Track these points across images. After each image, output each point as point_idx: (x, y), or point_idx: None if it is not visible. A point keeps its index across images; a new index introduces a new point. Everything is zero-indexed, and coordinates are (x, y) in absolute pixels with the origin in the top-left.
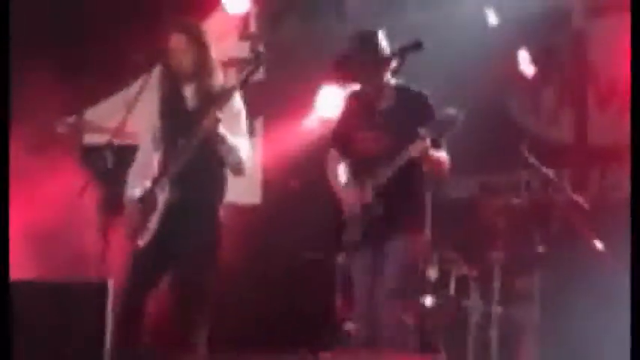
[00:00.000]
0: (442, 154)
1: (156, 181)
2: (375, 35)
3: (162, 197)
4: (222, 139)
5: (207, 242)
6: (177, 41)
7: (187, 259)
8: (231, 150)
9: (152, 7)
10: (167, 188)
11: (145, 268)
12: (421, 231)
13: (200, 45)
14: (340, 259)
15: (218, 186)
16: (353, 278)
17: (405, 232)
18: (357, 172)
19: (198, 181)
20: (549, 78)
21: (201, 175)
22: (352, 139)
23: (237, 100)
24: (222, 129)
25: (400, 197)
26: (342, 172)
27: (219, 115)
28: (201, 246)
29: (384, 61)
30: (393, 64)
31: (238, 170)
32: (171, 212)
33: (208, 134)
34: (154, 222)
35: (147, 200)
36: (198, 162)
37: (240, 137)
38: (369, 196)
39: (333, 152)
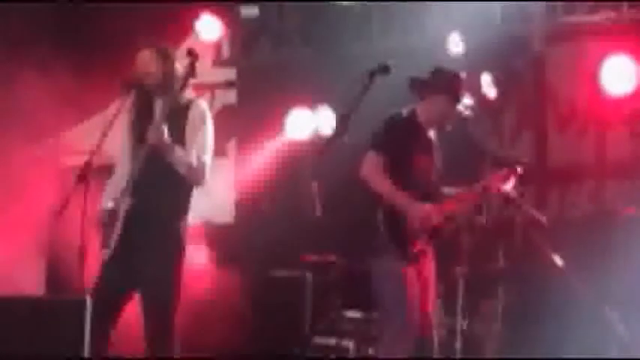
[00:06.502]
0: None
1: (123, 191)
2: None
3: (123, 207)
4: (169, 148)
5: (167, 256)
6: (142, 58)
7: (149, 272)
8: (181, 158)
9: (126, 34)
10: (126, 198)
11: (110, 279)
12: None
13: (165, 58)
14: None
15: (177, 198)
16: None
17: None
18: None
19: (155, 191)
20: (510, 101)
21: (157, 186)
22: None
23: (199, 108)
24: (168, 138)
25: None
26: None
27: (164, 125)
28: (161, 259)
29: None
30: None
31: (194, 179)
32: (130, 222)
33: (155, 143)
34: (116, 232)
35: (114, 211)
36: (154, 172)
37: (196, 146)
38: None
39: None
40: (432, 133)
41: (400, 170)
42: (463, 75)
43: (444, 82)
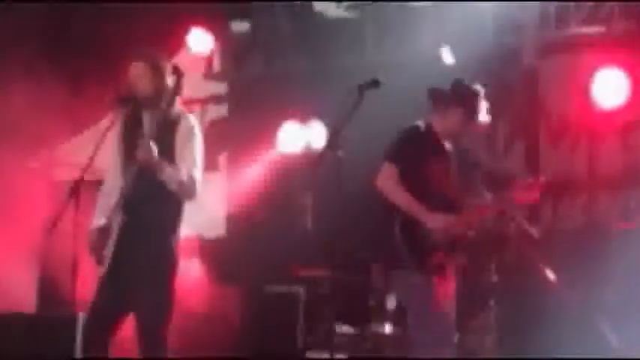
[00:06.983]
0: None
1: (114, 208)
2: None
3: (116, 222)
4: (159, 166)
5: (160, 271)
6: (135, 68)
7: (142, 287)
8: (171, 176)
9: (119, 48)
10: (119, 213)
11: (106, 296)
12: None
13: (156, 70)
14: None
15: (168, 213)
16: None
17: None
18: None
19: (147, 207)
20: (502, 113)
21: (149, 201)
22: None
23: (188, 122)
24: (156, 157)
25: None
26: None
27: (153, 144)
28: (154, 275)
29: None
30: None
31: (184, 195)
32: (123, 238)
33: (144, 161)
34: (109, 249)
35: (107, 226)
36: (145, 188)
37: (186, 161)
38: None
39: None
40: (448, 145)
41: (415, 181)
42: (481, 90)
43: (462, 96)
